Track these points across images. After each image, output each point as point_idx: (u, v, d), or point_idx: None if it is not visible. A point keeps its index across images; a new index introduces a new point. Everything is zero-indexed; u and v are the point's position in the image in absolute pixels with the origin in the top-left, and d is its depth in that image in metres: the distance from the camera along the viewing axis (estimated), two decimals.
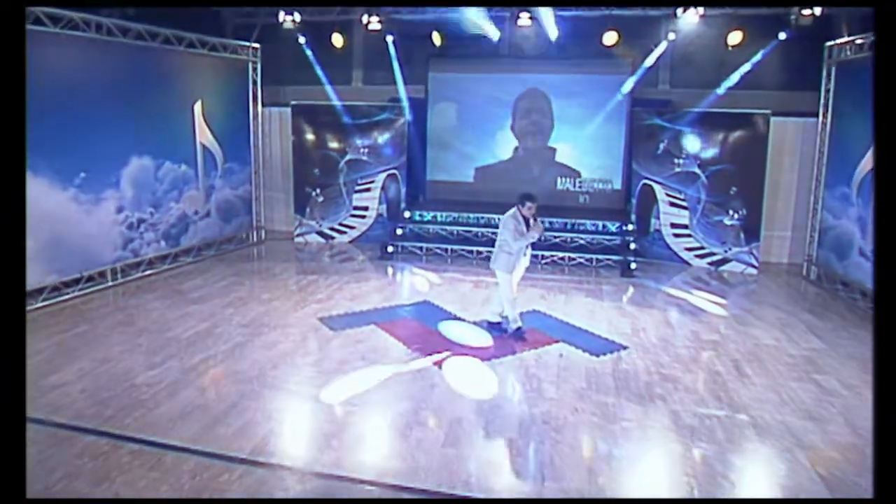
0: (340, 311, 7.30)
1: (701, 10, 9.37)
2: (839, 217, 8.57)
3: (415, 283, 8.85)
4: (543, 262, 9.93)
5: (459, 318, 7.19)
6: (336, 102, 10.95)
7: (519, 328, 6.52)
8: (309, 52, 10.99)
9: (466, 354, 6.06)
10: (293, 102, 10.88)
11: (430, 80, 11.69)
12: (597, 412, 4.90)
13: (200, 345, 6.11)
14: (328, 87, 11.17)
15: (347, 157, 11.03)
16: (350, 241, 11.24)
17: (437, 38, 10.72)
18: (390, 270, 9.54)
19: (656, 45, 10.19)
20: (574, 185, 11.34)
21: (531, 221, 6.33)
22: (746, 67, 9.85)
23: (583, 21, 10.13)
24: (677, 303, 8.04)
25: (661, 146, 9.89)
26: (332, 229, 11.27)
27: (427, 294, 8.18)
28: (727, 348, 6.41)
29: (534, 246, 10.26)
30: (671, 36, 9.87)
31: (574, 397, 5.15)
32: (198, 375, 5.38)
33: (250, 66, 10.61)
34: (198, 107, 9.45)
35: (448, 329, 6.80)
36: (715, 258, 9.85)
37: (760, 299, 8.29)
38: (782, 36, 9.35)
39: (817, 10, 8.83)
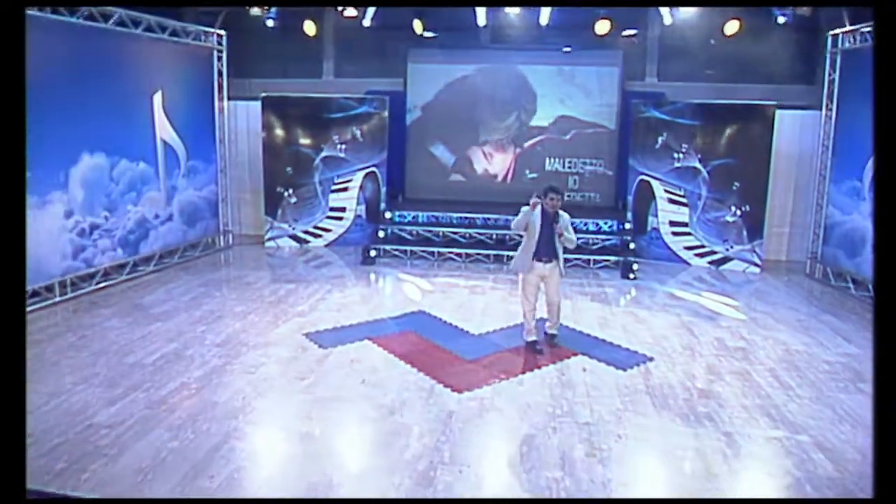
0: (327, 325, 6.50)
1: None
2: (849, 212, 8.21)
3: (404, 290, 8.09)
4: None
5: (463, 330, 6.48)
6: (310, 94, 10.10)
7: (534, 341, 5.86)
8: (278, 41, 10.11)
9: (480, 373, 5.36)
10: (263, 94, 9.96)
11: (409, 72, 10.98)
12: (643, 438, 4.27)
13: (170, 371, 5.22)
14: (301, 80, 10.33)
15: (323, 154, 10.20)
16: (326, 245, 10.42)
17: (418, 27, 10.00)
18: (375, 277, 8.76)
19: (654, 34, 9.72)
20: (563, 166, 10.78)
21: (558, 218, 5.62)
22: (739, 59, 9.47)
23: (573, 9, 9.56)
24: (689, 306, 7.52)
25: (660, 140, 9.40)
26: (306, 232, 10.43)
27: (420, 303, 7.44)
28: (758, 356, 5.89)
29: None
30: (667, 20, 9.35)
31: (613, 421, 4.51)
32: (170, 411, 4.51)
33: (215, 54, 9.64)
34: (157, 98, 8.46)
35: (453, 343, 6.08)
36: (715, 257, 9.41)
37: (773, 300, 7.85)
38: (781, 20, 8.92)
39: None
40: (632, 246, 9.29)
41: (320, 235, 10.47)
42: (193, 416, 4.42)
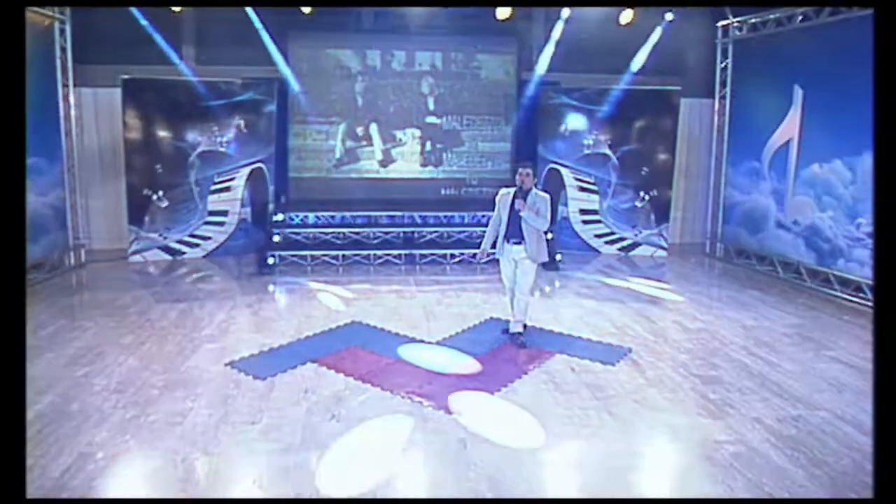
0: (252, 350, 5.29)
1: None
2: (748, 192, 8.66)
3: (322, 300, 6.99)
4: (452, 261, 8.75)
5: (416, 339, 5.64)
6: (185, 77, 8.52)
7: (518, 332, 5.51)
8: (125, 21, 8.28)
9: (466, 388, 4.58)
10: (125, 77, 8.18)
11: (290, 57, 9.75)
12: (686, 439, 3.82)
13: (56, 437, 3.74)
14: (153, 66, 8.60)
15: (200, 149, 8.69)
16: (204, 256, 8.92)
17: (306, 7, 8.84)
18: (282, 288, 7.55)
19: (551, 23, 9.50)
20: (460, 159, 10.23)
21: (525, 195, 5.19)
22: (627, 51, 9.61)
23: None
24: (626, 292, 7.39)
25: (569, 127, 9.26)
26: (180, 242, 8.84)
27: (349, 313, 6.45)
28: (723, 335, 5.81)
29: (436, 244, 9.12)
30: (566, 13, 9.22)
31: (639, 424, 4.01)
32: (75, 495, 3.16)
33: (57, 28, 7.68)
34: None
35: (414, 355, 5.23)
36: (625, 243, 9.50)
37: (697, 279, 8.04)
38: (669, 17, 9.20)
39: None
40: (549, 236, 9.00)
41: (198, 245, 8.95)
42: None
